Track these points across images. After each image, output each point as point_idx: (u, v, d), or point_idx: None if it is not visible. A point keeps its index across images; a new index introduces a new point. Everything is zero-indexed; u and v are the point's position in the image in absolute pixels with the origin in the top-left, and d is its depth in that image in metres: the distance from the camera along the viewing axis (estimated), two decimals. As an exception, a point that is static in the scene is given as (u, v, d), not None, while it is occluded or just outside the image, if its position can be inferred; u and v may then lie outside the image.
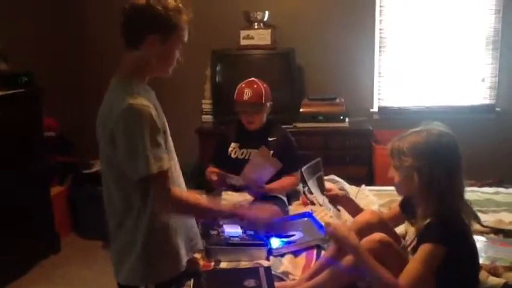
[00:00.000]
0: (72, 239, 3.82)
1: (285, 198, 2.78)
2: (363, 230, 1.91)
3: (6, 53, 3.51)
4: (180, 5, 1.66)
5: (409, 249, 1.84)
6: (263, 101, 2.73)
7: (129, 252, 1.71)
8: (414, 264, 1.64)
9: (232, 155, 2.79)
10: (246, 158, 2.73)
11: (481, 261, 2.02)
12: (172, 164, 1.75)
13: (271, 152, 2.68)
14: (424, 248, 1.64)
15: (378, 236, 1.78)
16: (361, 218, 2.03)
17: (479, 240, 2.26)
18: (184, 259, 1.80)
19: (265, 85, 2.79)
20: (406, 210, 1.96)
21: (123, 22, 1.65)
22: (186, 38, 1.71)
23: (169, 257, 1.75)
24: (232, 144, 2.81)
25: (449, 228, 1.65)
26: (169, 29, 1.64)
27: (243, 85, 2.78)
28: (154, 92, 1.80)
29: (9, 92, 3.31)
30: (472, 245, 1.76)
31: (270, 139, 2.78)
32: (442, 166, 1.66)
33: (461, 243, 1.68)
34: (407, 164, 1.70)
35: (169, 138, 1.76)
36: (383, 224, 1.98)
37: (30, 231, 3.45)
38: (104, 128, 1.64)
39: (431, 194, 1.70)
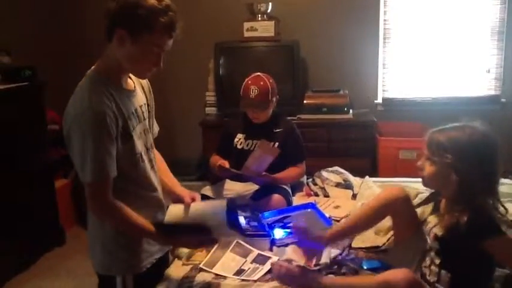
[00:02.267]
0: (76, 232, 3.83)
1: (289, 188, 2.78)
2: (388, 206, 1.88)
3: (9, 47, 3.52)
4: (162, 6, 1.53)
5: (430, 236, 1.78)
6: (269, 98, 2.73)
7: (94, 242, 1.75)
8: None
9: (238, 146, 2.80)
10: (252, 148, 2.73)
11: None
12: (143, 166, 1.72)
13: (277, 143, 2.70)
14: (498, 243, 1.60)
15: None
16: (389, 193, 1.93)
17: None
18: (148, 256, 1.78)
19: (271, 80, 2.78)
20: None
21: (104, 15, 1.58)
22: (166, 44, 1.58)
23: (127, 254, 1.74)
24: (238, 135, 2.82)
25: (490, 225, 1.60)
26: (138, 28, 1.52)
27: (249, 81, 2.76)
28: (140, 91, 1.76)
29: (13, 86, 3.31)
30: None
31: (275, 130, 2.78)
32: (483, 170, 1.60)
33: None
34: (447, 161, 1.62)
35: (136, 140, 1.68)
36: (407, 203, 1.90)
37: (34, 224, 3.46)
38: (64, 124, 1.60)
39: (462, 194, 1.63)
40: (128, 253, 1.74)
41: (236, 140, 2.82)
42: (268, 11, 4.08)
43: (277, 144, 2.71)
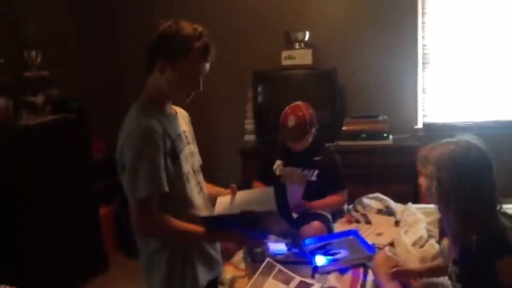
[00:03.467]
0: (119, 259, 3.89)
1: (329, 215, 2.77)
2: None
3: (58, 80, 3.68)
4: (197, 32, 1.64)
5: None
6: (306, 129, 2.73)
7: (151, 269, 1.76)
8: None
9: (277, 172, 2.81)
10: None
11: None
12: (190, 187, 1.75)
13: (316, 171, 2.72)
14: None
15: None
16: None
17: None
18: (202, 279, 1.78)
19: (310, 111, 2.78)
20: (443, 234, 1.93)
21: (144, 48, 1.69)
22: (201, 67, 1.67)
23: (183, 278, 1.74)
24: (277, 162, 2.84)
25: (488, 244, 1.60)
26: (176, 55, 1.62)
27: (288, 111, 2.78)
28: (181, 116, 1.83)
29: (60, 117, 3.45)
30: None
31: (315, 159, 2.78)
32: (464, 179, 1.61)
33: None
34: (428, 172, 1.70)
35: (182, 161, 1.72)
36: None
37: (79, 251, 3.54)
38: (117, 153, 1.67)
39: (451, 206, 1.66)
40: (183, 279, 1.74)
41: (275, 166, 2.83)
42: (306, 39, 4.12)
43: (316, 172, 2.71)
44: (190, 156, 1.81)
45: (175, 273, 1.73)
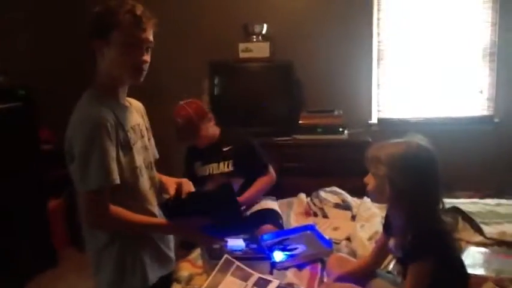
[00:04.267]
0: (69, 253, 3.77)
1: (276, 208, 2.75)
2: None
3: (4, 67, 3.50)
4: (122, 4, 1.59)
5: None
6: (197, 125, 2.70)
7: (99, 264, 1.71)
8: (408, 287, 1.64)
9: (199, 174, 2.81)
10: (211, 173, 2.76)
11: (485, 273, 2.03)
12: (142, 180, 1.71)
13: (230, 161, 2.72)
14: (411, 270, 1.64)
15: None
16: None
17: (484, 252, 2.25)
18: (152, 275, 1.74)
19: (194, 105, 2.74)
20: (389, 232, 1.90)
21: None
22: (139, 36, 1.60)
23: (133, 274, 1.70)
24: (196, 164, 2.84)
25: (428, 242, 1.63)
26: (107, 30, 1.58)
27: (174, 114, 2.74)
28: (136, 108, 1.77)
29: (7, 106, 3.29)
30: (455, 259, 1.73)
31: (224, 149, 2.77)
32: (416, 180, 1.65)
33: (444, 255, 1.65)
34: (381, 173, 1.69)
35: (135, 154, 1.68)
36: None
37: (26, 246, 3.40)
38: (66, 143, 1.61)
39: (403, 207, 1.69)
40: (133, 275, 1.71)
41: (195, 168, 2.83)
42: (263, 32, 4.10)
43: (231, 162, 2.69)
44: (144, 150, 1.76)
45: (124, 268, 1.69)
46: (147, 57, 1.65)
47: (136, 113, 1.79)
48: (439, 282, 1.61)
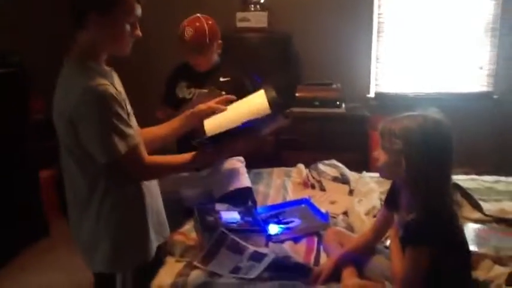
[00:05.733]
0: (61, 223, 3.71)
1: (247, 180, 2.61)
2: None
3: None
4: None
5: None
6: (206, 40, 2.54)
7: (97, 239, 1.66)
8: (404, 268, 1.60)
9: (180, 95, 2.64)
10: (193, 97, 2.60)
11: (484, 250, 1.99)
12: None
13: (223, 93, 2.43)
14: (409, 253, 1.59)
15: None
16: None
17: (482, 229, 2.23)
18: (154, 244, 1.74)
19: (210, 22, 2.58)
20: (392, 207, 1.84)
21: (67, 3, 1.57)
22: (136, 12, 1.60)
23: (139, 243, 1.69)
24: (180, 84, 2.67)
25: (432, 227, 1.57)
26: (108, 3, 1.54)
27: (185, 23, 2.56)
28: (115, 74, 1.72)
29: (-1, 71, 3.20)
30: (460, 243, 1.67)
31: (222, 79, 2.61)
32: (433, 155, 1.57)
33: (445, 241, 1.59)
34: (396, 147, 1.60)
35: (133, 119, 1.69)
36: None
37: (18, 216, 3.36)
38: (60, 116, 1.56)
39: (417, 184, 1.60)
40: (138, 244, 1.69)
41: (177, 88, 2.66)
42: (262, 1, 4.00)
43: (223, 93, 2.56)
44: (131, 115, 1.71)
45: (124, 242, 1.65)
46: (139, 32, 1.64)
47: (117, 78, 1.74)
48: (440, 266, 1.57)
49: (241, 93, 2.48)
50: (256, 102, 1.79)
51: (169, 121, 1.98)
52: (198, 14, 2.60)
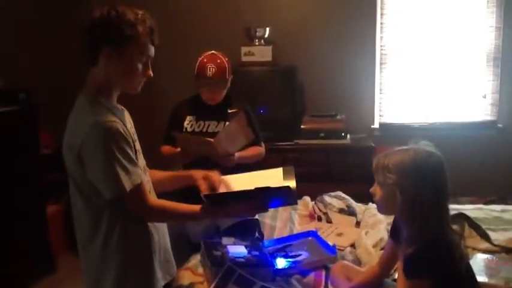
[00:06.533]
0: (68, 259, 3.71)
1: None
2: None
3: (4, 69, 3.47)
4: (139, 16, 1.60)
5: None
6: (227, 77, 2.63)
7: (101, 279, 1.65)
8: None
9: (189, 129, 2.67)
10: (204, 130, 2.65)
11: (494, 281, 1.97)
12: (144, 183, 1.68)
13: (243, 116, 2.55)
14: (408, 286, 1.58)
15: None
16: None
17: (491, 260, 2.20)
18: (161, 284, 1.73)
19: (227, 59, 2.68)
20: (397, 239, 1.83)
21: (82, 38, 1.60)
22: (150, 52, 1.64)
23: (145, 284, 1.68)
24: (188, 117, 2.70)
25: (429, 260, 1.56)
26: (122, 41, 1.56)
27: (205, 59, 2.63)
28: (127, 113, 1.75)
29: (6, 109, 3.25)
30: (461, 272, 1.63)
31: (230, 111, 2.67)
32: (427, 187, 1.58)
33: (447, 271, 1.57)
34: (390, 182, 1.61)
35: (141, 156, 1.71)
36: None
37: (24, 251, 3.35)
38: (70, 150, 1.58)
39: (414, 216, 1.60)
40: (143, 285, 1.68)
41: (186, 122, 2.69)
42: (266, 36, 4.07)
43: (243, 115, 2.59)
44: (139, 153, 1.73)
45: (128, 279, 1.64)
46: (151, 72, 1.67)
47: (128, 116, 1.77)
48: None
49: (248, 121, 2.58)
50: (272, 179, 1.79)
51: (176, 172, 1.98)
52: (214, 51, 2.68)
